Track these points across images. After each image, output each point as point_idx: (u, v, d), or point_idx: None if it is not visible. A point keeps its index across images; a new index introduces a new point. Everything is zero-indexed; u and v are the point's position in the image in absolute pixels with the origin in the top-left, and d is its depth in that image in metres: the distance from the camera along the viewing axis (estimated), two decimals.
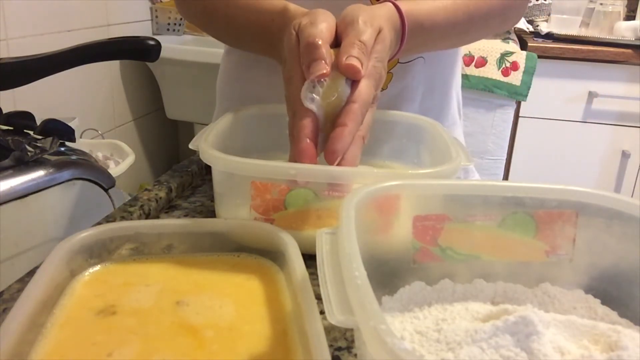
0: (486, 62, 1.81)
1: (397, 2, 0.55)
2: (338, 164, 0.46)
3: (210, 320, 0.36)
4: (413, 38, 0.57)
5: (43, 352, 0.32)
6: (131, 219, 0.54)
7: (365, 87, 0.48)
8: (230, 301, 0.38)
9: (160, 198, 0.59)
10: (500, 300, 0.39)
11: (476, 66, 1.83)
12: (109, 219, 0.53)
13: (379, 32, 0.51)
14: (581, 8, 2.04)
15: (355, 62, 0.47)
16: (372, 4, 0.59)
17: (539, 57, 1.82)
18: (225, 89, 0.79)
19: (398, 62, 0.69)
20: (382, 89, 0.69)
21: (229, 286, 0.40)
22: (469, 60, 1.83)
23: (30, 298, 0.33)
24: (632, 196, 1.96)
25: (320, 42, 0.48)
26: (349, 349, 0.37)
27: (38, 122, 0.82)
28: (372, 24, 0.50)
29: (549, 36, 1.94)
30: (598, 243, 0.39)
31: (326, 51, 0.48)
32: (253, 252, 0.44)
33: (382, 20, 0.52)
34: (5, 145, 0.73)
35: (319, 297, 0.30)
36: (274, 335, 0.35)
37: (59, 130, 0.81)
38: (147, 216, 0.56)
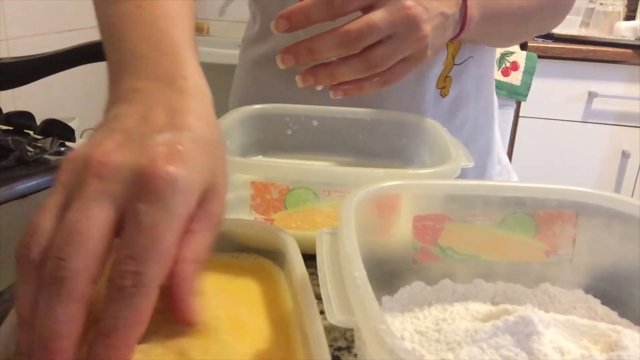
0: None
1: None
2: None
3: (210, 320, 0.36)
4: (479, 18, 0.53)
5: None
6: None
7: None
8: (230, 301, 0.38)
9: None
10: (500, 300, 0.39)
11: None
12: None
13: None
14: (581, 8, 2.04)
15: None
16: None
17: (539, 57, 1.81)
18: (238, 86, 0.78)
19: (454, 64, 0.68)
20: (444, 95, 0.68)
21: (229, 286, 0.40)
22: None
23: None
24: (632, 196, 1.95)
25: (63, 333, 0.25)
26: (349, 349, 0.37)
27: (38, 122, 0.82)
28: None
29: (549, 36, 1.94)
30: (598, 243, 0.39)
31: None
32: (253, 252, 0.44)
33: None
34: (5, 145, 0.73)
35: (319, 297, 0.30)
36: (274, 335, 0.35)
37: (59, 130, 0.81)
38: None
